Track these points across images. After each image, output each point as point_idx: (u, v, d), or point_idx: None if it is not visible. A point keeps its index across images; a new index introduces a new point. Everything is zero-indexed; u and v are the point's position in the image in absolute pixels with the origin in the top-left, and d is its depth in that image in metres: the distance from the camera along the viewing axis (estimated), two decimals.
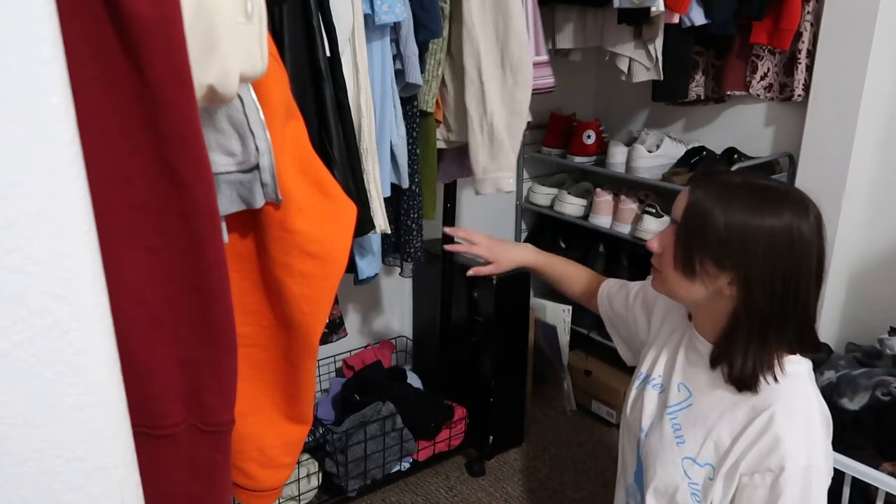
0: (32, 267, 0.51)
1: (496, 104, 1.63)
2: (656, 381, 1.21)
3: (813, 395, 1.05)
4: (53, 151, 0.51)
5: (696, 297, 1.06)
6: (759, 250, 0.98)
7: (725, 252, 0.99)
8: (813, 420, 1.01)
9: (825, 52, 1.82)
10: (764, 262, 0.98)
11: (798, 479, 0.97)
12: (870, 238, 1.94)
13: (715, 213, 0.99)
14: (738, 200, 1.00)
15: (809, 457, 0.98)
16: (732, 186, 1.03)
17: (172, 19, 0.61)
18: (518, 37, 1.59)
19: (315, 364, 1.08)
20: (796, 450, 0.97)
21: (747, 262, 0.99)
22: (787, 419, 0.99)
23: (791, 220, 0.98)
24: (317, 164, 1.01)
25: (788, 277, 0.99)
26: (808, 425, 1.00)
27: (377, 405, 1.95)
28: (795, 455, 0.97)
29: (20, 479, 0.55)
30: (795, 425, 0.99)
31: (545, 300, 2.40)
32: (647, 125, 2.44)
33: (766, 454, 0.98)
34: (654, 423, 1.16)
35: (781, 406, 1.00)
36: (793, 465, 0.96)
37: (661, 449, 1.12)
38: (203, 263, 0.71)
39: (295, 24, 1.16)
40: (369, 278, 1.62)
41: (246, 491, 1.11)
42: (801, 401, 1.02)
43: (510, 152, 1.68)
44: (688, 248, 1.03)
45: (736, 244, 0.98)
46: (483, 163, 1.68)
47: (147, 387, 0.73)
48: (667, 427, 1.13)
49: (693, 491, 1.07)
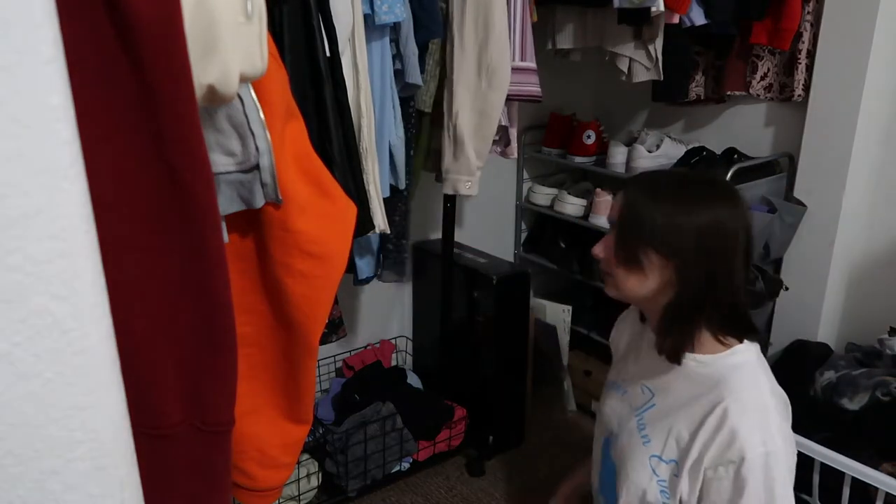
0: (32, 267, 0.51)
1: (462, 105, 1.62)
2: (618, 385, 1.26)
3: (764, 382, 1.08)
4: (53, 151, 0.51)
5: (646, 292, 1.10)
6: (691, 239, 1.04)
7: (662, 243, 1.05)
8: (766, 407, 1.05)
9: (825, 52, 1.82)
10: (696, 250, 1.04)
11: (759, 466, 1.00)
12: (870, 238, 1.94)
13: (649, 206, 1.06)
14: (669, 193, 1.07)
15: (766, 443, 1.01)
16: (661, 182, 1.11)
17: (173, 19, 0.61)
18: (497, 39, 1.58)
19: (315, 364, 1.08)
20: (753, 439, 1.01)
21: (682, 252, 1.05)
22: (741, 411, 1.03)
23: (719, 210, 1.04)
24: (317, 164, 1.01)
25: (719, 264, 1.05)
26: (762, 413, 1.04)
27: (377, 405, 1.95)
28: (753, 444, 1.01)
29: (20, 479, 0.54)
30: (749, 416, 1.03)
31: (545, 300, 2.40)
32: (647, 125, 2.44)
33: (726, 447, 1.02)
34: (623, 426, 1.20)
35: (734, 399, 1.04)
36: (752, 455, 1.00)
37: (630, 450, 1.15)
38: (203, 263, 0.71)
39: (295, 24, 1.16)
40: (369, 278, 1.62)
41: (246, 491, 1.11)
42: (751, 391, 1.06)
43: (471, 156, 1.66)
44: (629, 243, 1.08)
45: (668, 235, 1.05)
46: (446, 162, 1.68)
47: (147, 387, 0.73)
48: (633, 429, 1.16)
49: (661, 488, 1.10)
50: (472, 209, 2.43)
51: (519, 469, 2.15)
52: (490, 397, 2.14)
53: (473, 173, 1.68)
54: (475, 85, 1.61)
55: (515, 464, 2.17)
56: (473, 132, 1.65)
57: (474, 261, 2.17)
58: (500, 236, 2.56)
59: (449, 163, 1.67)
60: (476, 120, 1.64)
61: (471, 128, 1.64)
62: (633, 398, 1.20)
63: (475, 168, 1.68)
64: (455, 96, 1.61)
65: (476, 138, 1.65)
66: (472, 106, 1.63)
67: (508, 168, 2.48)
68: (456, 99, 1.61)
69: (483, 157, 1.69)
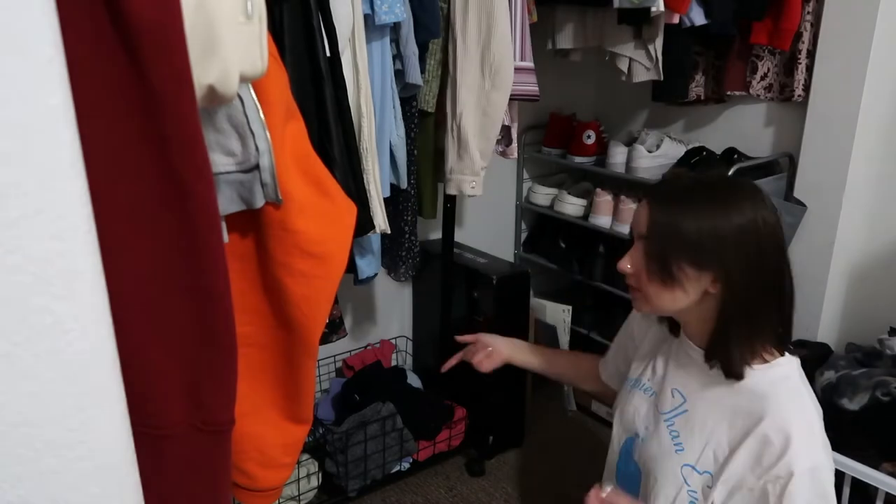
0: (32, 267, 0.51)
1: (467, 105, 1.62)
2: (647, 386, 1.21)
3: (806, 394, 1.05)
4: (53, 151, 0.51)
5: (681, 305, 1.06)
6: (731, 245, 0.99)
7: (701, 253, 1.01)
8: (811, 422, 1.02)
9: (825, 52, 1.82)
10: (737, 255, 1.00)
11: (807, 482, 0.98)
12: (870, 238, 1.94)
13: (680, 219, 1.01)
14: (697, 199, 1.02)
15: (814, 458, 0.99)
16: (688, 189, 1.04)
17: (173, 19, 0.61)
18: (501, 39, 1.58)
19: (315, 364, 1.08)
20: (801, 454, 0.98)
21: (724, 259, 1.00)
22: (789, 426, 1.00)
23: (753, 211, 1.01)
24: (317, 164, 1.01)
25: (764, 265, 1.01)
26: (809, 427, 1.02)
27: (377, 405, 1.95)
28: (802, 459, 0.98)
29: (20, 479, 0.55)
30: (797, 431, 0.99)
31: (545, 300, 2.40)
32: (647, 125, 2.44)
33: (773, 463, 0.99)
34: (651, 430, 1.17)
35: (780, 415, 1.01)
36: (800, 470, 0.97)
37: (661, 456, 1.12)
38: (203, 263, 0.71)
39: (295, 24, 1.16)
40: (369, 278, 1.62)
41: (246, 491, 1.11)
42: (797, 404, 1.03)
43: (476, 156, 1.66)
44: (662, 258, 1.03)
45: (708, 244, 1.00)
46: (450, 162, 1.68)
47: (147, 387, 0.73)
48: (664, 434, 1.13)
49: (692, 499, 1.07)
50: (472, 209, 2.43)
51: (519, 469, 2.15)
52: (490, 397, 2.13)
53: (478, 173, 1.69)
54: (479, 85, 1.62)
55: (515, 464, 2.17)
56: (478, 132, 1.65)
57: (474, 261, 2.17)
58: (500, 236, 2.56)
59: (453, 163, 1.67)
60: (480, 120, 1.64)
61: (475, 128, 1.64)
62: (661, 401, 1.16)
63: (479, 168, 1.68)
64: (458, 97, 1.61)
65: (480, 138, 1.65)
66: (475, 106, 1.63)
67: (508, 168, 2.48)
68: (459, 99, 1.62)
69: (487, 156, 1.69)
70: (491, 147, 1.69)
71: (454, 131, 1.65)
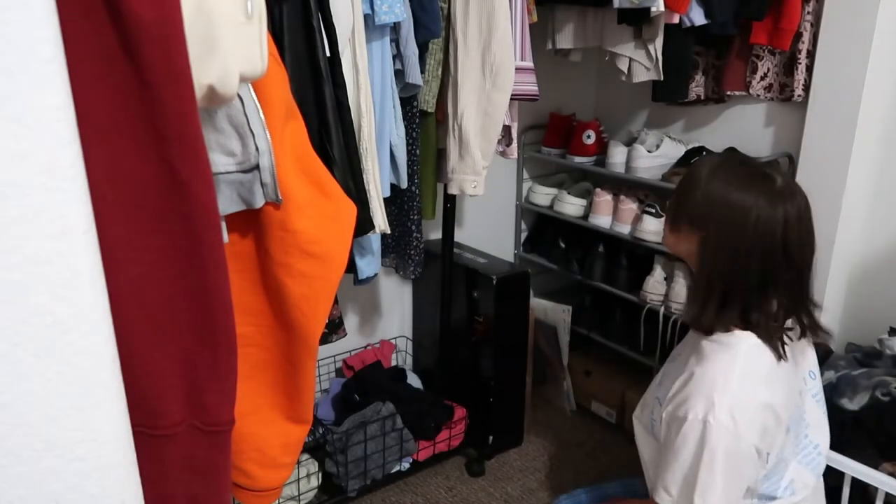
0: (32, 267, 0.51)
1: (468, 105, 1.62)
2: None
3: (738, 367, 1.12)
4: (53, 151, 0.51)
5: (680, 250, 1.20)
6: (716, 216, 1.10)
7: (694, 208, 1.13)
8: (725, 385, 1.10)
9: (825, 52, 1.82)
10: (719, 227, 1.10)
11: (695, 429, 1.09)
12: (870, 238, 1.94)
13: (699, 180, 1.13)
14: (723, 173, 1.12)
15: (707, 412, 1.08)
16: (726, 161, 1.16)
17: (173, 20, 0.61)
18: (502, 39, 1.58)
19: (315, 364, 1.08)
20: (697, 405, 1.10)
21: (707, 225, 1.11)
22: (701, 378, 1.12)
23: (758, 201, 1.08)
24: (317, 164, 1.01)
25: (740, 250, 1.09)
26: (716, 387, 1.10)
27: (377, 405, 1.95)
28: (695, 409, 1.10)
29: (20, 479, 0.55)
30: (704, 385, 1.11)
31: (545, 300, 2.40)
32: (647, 125, 2.44)
33: (681, 404, 1.13)
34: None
35: (701, 368, 1.13)
36: (692, 417, 1.10)
37: (649, 390, 1.32)
38: (203, 263, 0.71)
39: (295, 24, 1.16)
40: (369, 278, 1.62)
41: (246, 491, 1.11)
42: (718, 365, 1.12)
43: (477, 156, 1.66)
44: (675, 207, 1.18)
45: (703, 209, 1.12)
46: (452, 163, 1.68)
47: (147, 387, 0.73)
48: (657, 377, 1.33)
49: (654, 425, 1.24)
50: (472, 209, 2.43)
51: (519, 469, 2.15)
52: (490, 397, 2.13)
53: (479, 173, 1.69)
54: (480, 86, 1.62)
55: (515, 464, 2.17)
56: (479, 132, 1.65)
57: (474, 261, 2.17)
58: (500, 236, 2.56)
59: (455, 163, 1.67)
60: (481, 120, 1.64)
61: (476, 128, 1.64)
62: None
63: (481, 168, 1.69)
64: (460, 97, 1.61)
65: (481, 138, 1.66)
66: (477, 106, 1.63)
67: (508, 168, 2.48)
68: (461, 100, 1.62)
69: (489, 156, 1.69)
70: (492, 147, 1.69)
71: (455, 131, 1.65)
